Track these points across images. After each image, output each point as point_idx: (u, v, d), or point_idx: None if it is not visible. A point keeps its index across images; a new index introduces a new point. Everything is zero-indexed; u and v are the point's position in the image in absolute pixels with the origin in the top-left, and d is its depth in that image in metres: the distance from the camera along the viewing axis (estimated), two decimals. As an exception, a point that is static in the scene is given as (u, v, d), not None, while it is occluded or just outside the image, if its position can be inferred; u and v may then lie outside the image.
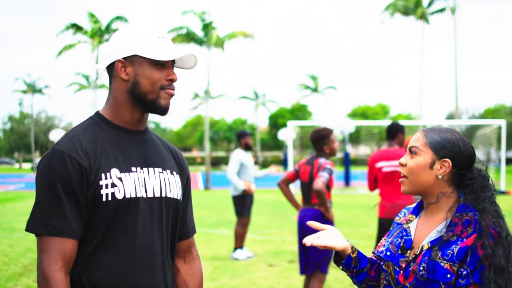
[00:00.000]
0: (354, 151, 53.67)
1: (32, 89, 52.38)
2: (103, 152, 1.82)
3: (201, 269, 2.10)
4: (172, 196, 1.93)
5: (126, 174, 1.83)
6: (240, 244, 8.15)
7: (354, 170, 29.13)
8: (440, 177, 1.88)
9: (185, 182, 2.04)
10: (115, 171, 1.81)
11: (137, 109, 1.89)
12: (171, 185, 1.94)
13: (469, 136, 33.88)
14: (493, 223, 1.80)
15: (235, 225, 8.37)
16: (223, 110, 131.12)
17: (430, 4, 33.95)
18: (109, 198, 1.79)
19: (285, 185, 5.64)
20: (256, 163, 47.16)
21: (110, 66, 1.89)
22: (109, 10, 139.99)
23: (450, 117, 46.62)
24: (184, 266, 2.05)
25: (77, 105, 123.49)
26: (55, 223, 1.74)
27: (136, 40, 1.85)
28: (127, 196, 1.81)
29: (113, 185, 1.80)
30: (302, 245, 3.31)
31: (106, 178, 1.79)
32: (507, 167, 32.54)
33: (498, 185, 21.20)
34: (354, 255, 1.95)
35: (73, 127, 1.91)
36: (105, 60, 1.90)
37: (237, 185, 7.99)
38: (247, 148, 8.30)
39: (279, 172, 8.67)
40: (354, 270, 1.97)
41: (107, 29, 32.99)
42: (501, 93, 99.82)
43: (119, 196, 1.80)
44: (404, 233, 1.96)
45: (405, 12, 34.16)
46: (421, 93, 36.08)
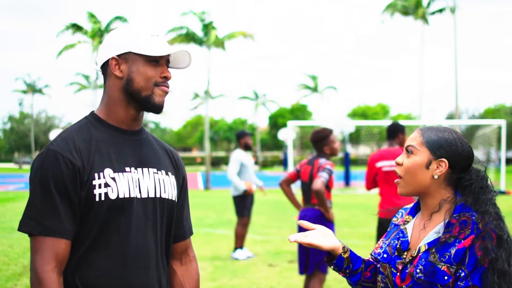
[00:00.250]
0: (354, 151, 53.67)
1: (32, 89, 52.37)
2: (97, 152, 1.82)
3: (198, 271, 2.08)
4: (166, 197, 1.92)
5: (120, 174, 1.82)
6: (240, 244, 8.15)
7: (354, 170, 29.13)
8: (436, 177, 1.85)
9: (181, 183, 2.03)
10: (108, 171, 1.80)
11: (131, 106, 1.88)
12: (166, 186, 1.93)
13: (469, 136, 33.86)
14: (494, 226, 1.77)
15: (235, 225, 8.37)
16: (223, 110, 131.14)
17: (429, 4, 33.96)
18: (102, 198, 1.78)
19: (286, 185, 5.65)
20: (256, 163, 47.17)
21: (105, 65, 1.89)
22: (109, 10, 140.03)
23: (450, 117, 46.62)
24: (180, 268, 2.04)
25: (77, 105, 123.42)
26: (48, 223, 1.73)
27: (130, 38, 1.85)
28: (121, 196, 1.80)
29: (106, 185, 1.79)
30: (302, 245, 3.31)
31: (99, 178, 1.78)
32: (507, 167, 32.55)
33: (498, 185, 21.18)
34: (346, 256, 1.93)
35: (68, 127, 1.91)
36: (99, 59, 1.90)
37: (237, 185, 7.99)
38: (246, 148, 8.30)
39: (263, 192, 8.58)
40: (347, 271, 1.95)
41: (107, 29, 33.00)
42: (501, 93, 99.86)
43: (112, 196, 1.79)
44: (400, 235, 1.94)
45: (405, 12, 34.16)
46: (421, 93, 36.09)
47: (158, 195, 1.90)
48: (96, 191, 1.77)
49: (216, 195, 20.86)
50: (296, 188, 8.52)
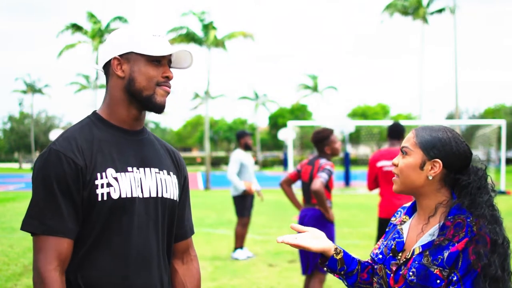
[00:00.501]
0: (354, 151, 53.68)
1: (32, 89, 52.34)
2: (99, 152, 1.82)
3: (199, 270, 2.10)
4: (168, 197, 1.93)
5: (122, 174, 1.83)
6: (240, 244, 8.15)
7: (354, 170, 29.13)
8: (430, 178, 1.82)
9: (183, 183, 2.04)
10: (111, 171, 1.81)
11: (133, 106, 1.88)
12: (167, 186, 1.93)
13: (469, 136, 33.86)
14: (489, 230, 1.72)
15: (235, 225, 8.37)
16: (223, 110, 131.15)
17: (429, 4, 33.96)
18: (105, 198, 1.79)
19: (287, 185, 5.65)
20: (256, 163, 47.17)
21: (107, 65, 1.90)
22: (109, 10, 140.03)
23: (450, 117, 46.63)
24: (182, 267, 2.05)
25: (77, 105, 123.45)
26: (50, 222, 1.74)
27: (132, 38, 1.86)
28: (123, 196, 1.81)
29: (109, 184, 1.79)
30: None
31: (102, 177, 1.79)
32: (507, 167, 32.55)
33: (498, 185, 21.20)
34: (338, 257, 1.91)
35: (70, 127, 1.91)
36: (101, 60, 1.91)
37: (237, 185, 8.00)
38: (246, 148, 8.30)
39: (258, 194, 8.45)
40: (342, 272, 1.93)
41: (107, 29, 33.02)
42: (501, 93, 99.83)
43: (115, 196, 1.80)
44: (396, 235, 1.92)
45: (405, 12, 34.17)
46: (421, 93, 36.10)
47: (160, 195, 1.90)
48: (99, 191, 1.78)
49: (216, 195, 20.85)
50: (297, 188, 8.51)
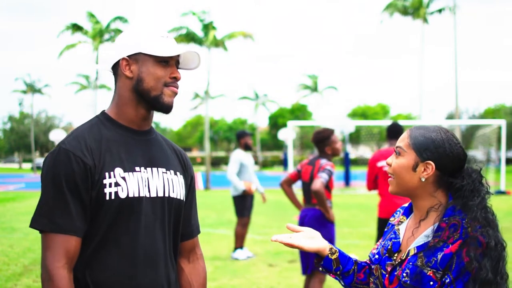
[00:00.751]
0: (354, 151, 53.68)
1: (32, 89, 52.29)
2: (108, 151, 1.85)
3: (205, 269, 2.13)
4: (175, 196, 1.95)
5: (130, 173, 1.85)
6: (240, 244, 8.16)
7: (354, 170, 29.13)
8: (423, 179, 1.79)
9: (189, 183, 2.07)
10: (119, 171, 1.83)
11: (141, 106, 1.91)
12: (174, 185, 1.96)
13: (469, 136, 33.87)
14: (481, 232, 1.70)
15: (235, 225, 8.37)
16: (223, 110, 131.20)
17: (429, 4, 33.96)
18: (112, 197, 1.81)
19: (287, 186, 5.65)
20: (256, 163, 47.16)
21: (115, 66, 1.93)
22: (109, 10, 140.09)
23: (450, 117, 46.64)
24: (188, 266, 2.08)
25: (77, 105, 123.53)
26: (59, 221, 1.76)
27: (140, 39, 1.89)
28: (130, 195, 1.83)
29: (117, 184, 1.82)
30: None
31: (110, 177, 1.82)
32: (507, 167, 32.55)
33: (498, 185, 21.19)
34: (333, 257, 1.91)
35: (78, 126, 1.94)
36: (110, 60, 1.94)
37: (237, 185, 8.00)
38: (246, 148, 8.30)
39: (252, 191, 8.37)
40: (337, 273, 1.93)
41: (108, 29, 33.02)
42: (501, 93, 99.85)
43: (122, 195, 1.82)
44: (393, 236, 1.91)
45: (405, 12, 34.17)
46: (421, 93, 36.13)
47: (166, 195, 1.93)
48: (107, 190, 1.80)
49: (216, 195, 20.87)
50: (297, 188, 8.51)
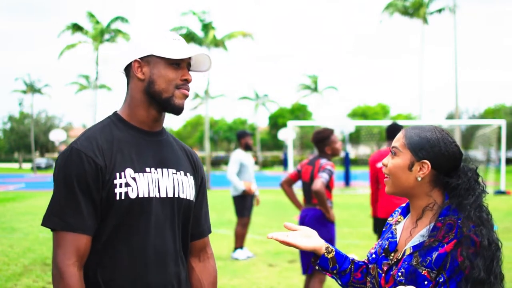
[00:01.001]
0: (354, 151, 53.69)
1: (32, 89, 52.25)
2: (119, 152, 1.88)
3: (215, 268, 2.15)
4: (184, 197, 1.98)
5: (140, 174, 1.88)
6: (240, 244, 8.16)
7: (354, 170, 29.14)
8: (419, 179, 1.80)
9: (199, 183, 2.10)
10: (129, 171, 1.87)
11: (152, 108, 1.94)
12: (184, 186, 1.99)
13: (469, 136, 33.87)
14: (474, 232, 1.70)
15: (235, 225, 8.37)
16: (223, 110, 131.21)
17: (429, 4, 33.96)
18: (123, 197, 1.84)
19: (287, 186, 5.66)
20: (256, 163, 47.16)
21: (128, 68, 1.96)
22: (109, 10, 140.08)
23: (450, 117, 46.64)
24: (198, 265, 2.10)
25: (77, 105, 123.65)
26: (70, 220, 1.80)
27: (152, 41, 1.92)
28: (140, 195, 1.86)
29: (127, 184, 1.85)
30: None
31: (121, 177, 1.85)
32: (507, 167, 32.54)
33: (498, 185, 21.19)
34: (330, 256, 1.92)
35: (91, 126, 1.97)
36: (122, 62, 1.97)
37: (237, 185, 8.00)
38: (247, 148, 8.30)
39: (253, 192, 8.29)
40: (334, 271, 1.94)
41: (108, 29, 33.02)
42: (501, 93, 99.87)
43: (132, 195, 1.85)
44: (390, 235, 1.92)
45: (405, 12, 34.18)
46: (421, 93, 36.15)
47: (176, 195, 1.96)
48: (117, 190, 1.84)
49: (216, 195, 20.86)
50: (297, 188, 8.52)
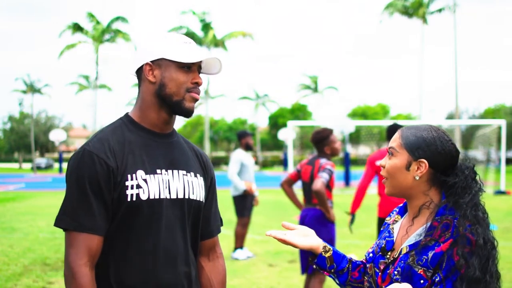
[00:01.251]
0: (354, 151, 53.69)
1: (32, 89, 52.22)
2: (130, 154, 1.91)
3: (225, 267, 2.18)
4: (194, 198, 2.01)
5: (151, 175, 1.91)
6: (240, 244, 8.16)
7: (354, 170, 29.15)
8: (417, 178, 1.81)
9: (209, 184, 2.13)
10: (140, 173, 1.89)
11: (163, 110, 1.97)
12: (194, 187, 2.01)
13: (469, 136, 33.86)
14: (469, 230, 1.71)
15: (235, 225, 8.37)
16: (223, 110, 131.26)
17: (429, 4, 33.97)
18: (134, 199, 1.87)
19: (287, 186, 5.66)
20: (256, 163, 47.16)
21: (139, 71, 1.99)
22: (109, 10, 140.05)
23: (450, 117, 46.65)
24: (208, 264, 2.14)
25: (77, 105, 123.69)
26: (82, 220, 1.83)
27: (164, 45, 1.94)
28: (151, 197, 1.89)
29: (138, 186, 1.88)
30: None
31: (132, 179, 1.87)
32: (507, 167, 32.55)
33: (498, 185, 21.19)
34: (327, 255, 1.94)
35: (102, 128, 2.00)
36: (134, 65, 2.00)
37: (238, 185, 8.00)
38: (248, 148, 8.30)
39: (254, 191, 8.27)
40: (332, 270, 1.95)
41: (108, 29, 33.03)
42: (501, 93, 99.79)
43: (144, 197, 1.88)
44: (387, 234, 1.93)
45: (405, 12, 34.19)
46: (421, 93, 36.19)
47: (186, 196, 1.99)
48: (128, 192, 1.86)
49: (216, 195, 20.87)
50: (297, 188, 8.52)
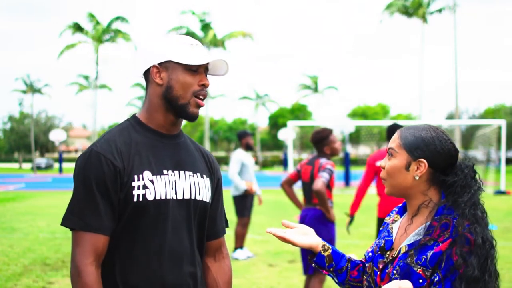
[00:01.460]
0: (354, 151, 53.69)
1: (32, 89, 52.18)
2: (137, 155, 1.93)
3: (231, 267, 2.20)
4: (201, 199, 2.03)
5: (158, 176, 1.93)
6: (240, 244, 8.16)
7: (354, 170, 29.15)
8: (417, 178, 1.82)
9: (216, 185, 2.15)
10: (147, 174, 1.91)
11: (170, 112, 1.98)
12: (200, 188, 2.03)
13: (469, 136, 33.85)
14: (469, 230, 1.71)
15: (235, 225, 8.37)
16: (223, 110, 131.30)
17: (429, 4, 33.97)
18: (140, 199, 1.88)
19: (287, 186, 5.65)
20: (256, 163, 47.14)
21: (147, 73, 2.00)
22: (109, 10, 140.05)
23: (450, 117, 46.64)
24: (214, 265, 2.16)
25: (77, 105, 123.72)
26: (89, 220, 1.85)
27: (170, 47, 1.95)
28: (158, 197, 1.91)
29: (145, 186, 1.89)
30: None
31: (139, 180, 1.89)
32: (507, 167, 32.54)
33: (498, 185, 21.19)
34: (326, 254, 1.95)
35: (110, 129, 2.02)
36: (141, 67, 2.01)
37: (238, 185, 8.00)
38: (248, 148, 8.30)
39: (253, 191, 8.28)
40: (331, 269, 1.96)
41: (108, 29, 33.03)
42: (501, 93, 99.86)
43: (150, 197, 1.90)
44: (386, 234, 1.93)
45: (405, 12, 34.20)
46: (421, 93, 36.19)
47: (193, 197, 2.00)
48: (135, 192, 1.88)
49: (216, 195, 20.87)
50: (297, 188, 8.52)
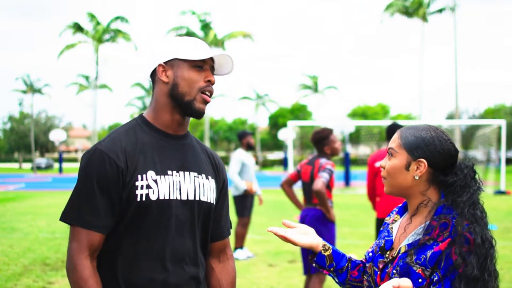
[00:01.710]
0: (354, 151, 53.66)
1: (32, 89, 52.16)
2: (142, 154, 1.93)
3: (235, 268, 2.20)
4: (205, 200, 2.03)
5: (162, 176, 1.93)
6: (240, 244, 8.16)
7: (354, 170, 29.14)
8: (417, 177, 1.83)
9: (221, 186, 2.15)
10: (151, 173, 1.91)
11: (176, 111, 1.99)
12: (205, 189, 2.03)
13: (469, 136, 33.85)
14: (468, 230, 1.72)
15: (235, 225, 8.37)
16: (223, 110, 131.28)
17: (429, 4, 33.97)
18: (143, 199, 1.88)
19: (287, 186, 5.65)
20: (256, 163, 47.13)
21: (153, 73, 2.01)
22: (109, 10, 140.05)
23: (450, 117, 46.64)
24: (218, 266, 2.16)
25: (77, 105, 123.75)
26: (87, 217, 1.87)
27: (175, 45, 1.98)
28: (161, 197, 1.91)
29: (148, 186, 1.89)
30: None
31: (142, 179, 1.89)
32: (507, 167, 32.54)
33: (498, 185, 21.19)
34: (327, 253, 1.95)
35: (116, 128, 2.02)
36: (147, 69, 2.03)
37: (239, 185, 8.00)
38: (249, 148, 8.30)
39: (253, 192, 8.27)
40: (331, 269, 1.97)
41: (108, 29, 33.03)
42: (501, 93, 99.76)
43: (153, 197, 1.90)
44: (386, 234, 1.94)
45: (405, 12, 34.20)
46: (421, 93, 36.19)
47: (197, 198, 2.00)
48: (138, 192, 1.88)
49: (216, 195, 20.87)
50: (297, 188, 8.52)
